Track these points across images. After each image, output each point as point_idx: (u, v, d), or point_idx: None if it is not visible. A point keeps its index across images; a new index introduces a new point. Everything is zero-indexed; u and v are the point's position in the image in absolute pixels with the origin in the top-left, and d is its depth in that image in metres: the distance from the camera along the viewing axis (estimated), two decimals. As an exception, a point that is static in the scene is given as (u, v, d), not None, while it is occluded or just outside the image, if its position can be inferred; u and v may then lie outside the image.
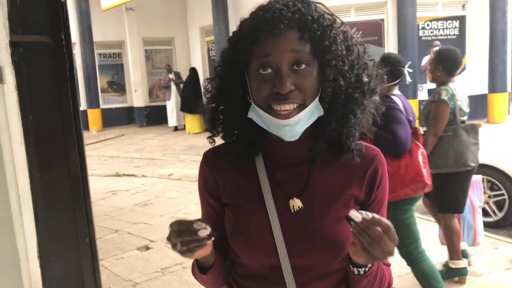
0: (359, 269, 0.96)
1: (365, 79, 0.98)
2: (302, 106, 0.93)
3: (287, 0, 0.95)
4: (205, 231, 0.86)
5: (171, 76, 12.25)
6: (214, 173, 1.07)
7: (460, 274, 3.34)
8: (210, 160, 1.09)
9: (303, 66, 0.92)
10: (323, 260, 1.00)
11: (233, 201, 1.05)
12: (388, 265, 1.08)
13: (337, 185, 1.02)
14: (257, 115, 0.97)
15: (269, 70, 0.92)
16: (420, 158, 2.70)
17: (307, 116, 0.94)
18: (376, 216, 0.83)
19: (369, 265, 0.95)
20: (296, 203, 1.00)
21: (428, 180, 2.70)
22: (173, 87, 12.25)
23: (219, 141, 1.11)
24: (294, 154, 1.02)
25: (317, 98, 0.94)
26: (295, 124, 0.93)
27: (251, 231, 1.01)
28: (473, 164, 3.15)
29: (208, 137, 1.09)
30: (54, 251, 1.97)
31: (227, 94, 1.01)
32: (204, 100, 1.10)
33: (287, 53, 0.91)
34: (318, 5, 0.97)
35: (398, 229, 1.01)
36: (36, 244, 1.90)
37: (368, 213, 0.83)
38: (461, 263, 3.30)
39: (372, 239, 0.81)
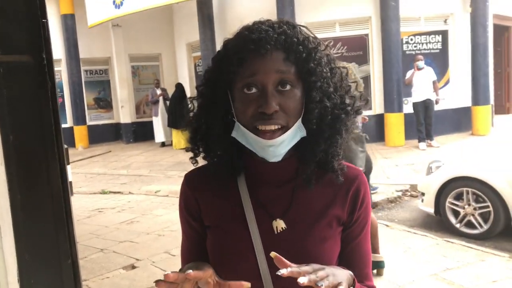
0: None
1: (348, 101, 1.00)
2: (285, 128, 0.94)
3: (272, 22, 0.96)
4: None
5: (159, 91, 12.24)
6: (196, 194, 1.06)
7: (378, 267, 3.67)
8: (191, 181, 1.08)
9: (288, 87, 0.93)
10: None
11: (215, 223, 1.04)
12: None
13: (320, 205, 1.02)
14: (241, 134, 0.97)
15: (254, 90, 0.93)
16: None
17: (290, 137, 0.95)
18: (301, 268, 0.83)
19: None
20: (280, 224, 1.00)
21: None
22: (161, 103, 12.24)
23: (201, 161, 1.10)
24: (277, 174, 1.02)
25: (299, 120, 0.95)
26: (278, 145, 0.94)
27: (234, 254, 1.00)
28: (361, 169, 3.77)
29: (191, 158, 1.07)
30: (36, 273, 1.93)
31: (209, 113, 1.00)
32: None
33: (273, 73, 0.92)
34: (302, 28, 0.99)
35: None
36: (16, 266, 1.86)
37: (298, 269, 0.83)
38: (379, 257, 3.66)
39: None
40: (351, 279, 0.92)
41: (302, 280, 0.79)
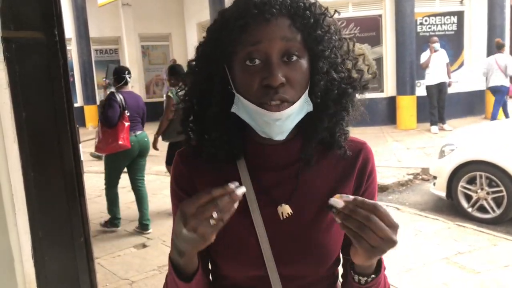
0: (360, 278, 0.89)
1: (356, 74, 0.93)
2: (291, 103, 0.85)
3: None
4: (241, 189, 0.77)
5: None
6: (192, 174, 0.97)
7: None
8: (187, 160, 0.98)
9: (294, 57, 0.84)
10: (313, 267, 0.94)
11: None
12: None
13: (327, 186, 0.95)
14: (243, 109, 0.87)
15: (257, 62, 0.84)
16: (120, 130, 4.42)
17: (297, 111, 0.86)
18: (359, 198, 0.76)
19: (372, 275, 0.88)
20: (286, 210, 0.93)
21: (122, 142, 4.39)
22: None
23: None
24: (280, 156, 0.95)
25: (306, 92, 0.87)
26: (285, 119, 0.85)
27: (236, 243, 0.93)
28: None
29: (184, 141, 0.98)
30: (49, 250, 1.94)
31: (204, 90, 0.92)
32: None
33: (278, 40, 0.83)
34: None
35: (106, 170, 4.66)
36: (30, 244, 1.86)
37: (349, 196, 0.76)
38: None
39: (360, 222, 0.74)
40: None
41: (335, 201, 0.76)
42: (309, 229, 0.93)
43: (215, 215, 0.74)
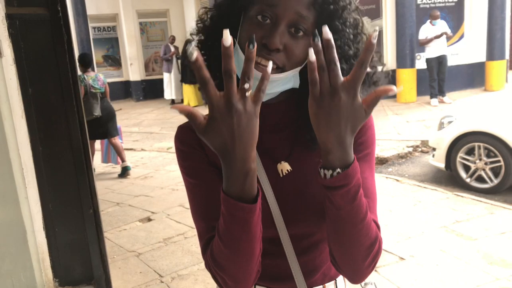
0: (326, 171, 0.79)
1: (368, 69, 0.89)
2: (280, 70, 0.87)
3: None
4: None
5: (173, 48, 12.11)
6: (198, 138, 0.92)
7: (128, 169, 6.04)
8: (189, 129, 0.97)
9: (301, 33, 0.86)
10: (318, 224, 0.94)
11: (219, 170, 0.91)
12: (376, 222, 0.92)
13: None
14: (236, 58, 0.86)
15: (267, 21, 0.86)
16: None
17: (281, 81, 0.88)
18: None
19: (338, 169, 0.78)
20: (285, 167, 0.96)
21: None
22: (174, 60, 12.15)
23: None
24: (277, 117, 0.97)
25: (298, 68, 0.89)
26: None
27: None
28: (96, 114, 5.75)
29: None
30: (59, 222, 2.00)
31: (219, 31, 0.89)
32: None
33: (292, 13, 0.85)
34: None
35: None
36: (41, 216, 1.93)
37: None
38: (126, 163, 6.11)
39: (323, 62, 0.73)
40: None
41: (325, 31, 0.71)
42: (310, 184, 0.95)
43: (247, 86, 0.70)
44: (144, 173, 6.22)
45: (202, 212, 0.93)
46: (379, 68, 0.97)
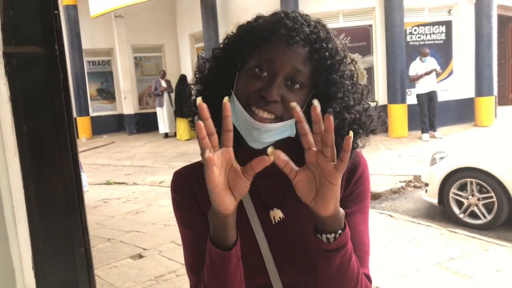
0: (328, 236, 0.84)
1: (365, 119, 0.95)
2: (277, 119, 0.90)
3: (310, 18, 0.94)
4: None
5: (164, 84, 12.24)
6: (192, 184, 0.99)
7: None
8: (183, 174, 1.02)
9: (297, 85, 0.90)
10: (310, 272, 0.95)
11: None
12: (368, 276, 0.97)
13: None
14: (233, 108, 0.90)
15: (265, 73, 0.90)
16: None
17: (278, 131, 0.90)
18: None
19: (339, 231, 0.84)
20: (277, 214, 0.97)
21: None
22: (166, 94, 12.27)
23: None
24: (273, 163, 0.94)
25: (294, 119, 0.87)
26: (263, 132, 0.89)
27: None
28: None
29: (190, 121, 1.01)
30: (49, 261, 1.96)
31: (215, 78, 0.97)
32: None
33: (289, 67, 0.89)
34: (335, 38, 0.95)
35: None
36: (30, 255, 1.89)
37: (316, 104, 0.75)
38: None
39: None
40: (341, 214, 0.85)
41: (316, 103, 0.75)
42: (301, 233, 0.95)
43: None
44: (136, 208, 6.15)
45: (192, 264, 0.98)
46: (372, 104, 1.00)
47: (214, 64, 0.99)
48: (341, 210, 0.85)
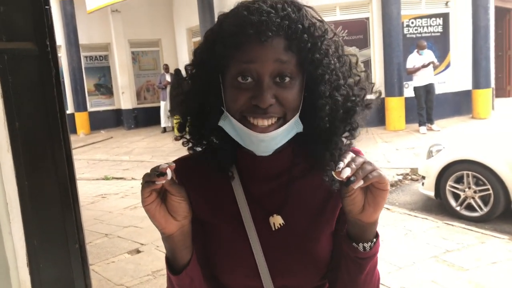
0: (365, 245, 0.85)
1: (358, 92, 0.90)
2: (281, 120, 0.85)
3: (275, 1, 0.84)
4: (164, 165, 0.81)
5: (168, 78, 12.20)
6: (186, 184, 0.93)
7: None
8: (181, 170, 0.96)
9: (287, 79, 0.83)
10: (307, 278, 0.95)
11: (208, 220, 0.95)
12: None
13: (319, 196, 0.94)
14: (230, 125, 0.87)
15: (249, 80, 0.83)
16: None
17: (285, 133, 0.86)
18: (349, 156, 0.79)
19: (374, 239, 0.86)
20: (277, 220, 0.93)
21: None
22: (168, 88, 12.25)
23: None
24: (271, 167, 0.94)
25: (297, 114, 0.86)
26: (271, 140, 0.85)
27: (231, 254, 0.93)
28: None
29: (188, 148, 0.99)
30: (44, 257, 1.97)
31: (198, 99, 0.90)
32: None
33: (271, 62, 0.81)
34: (308, 9, 0.87)
35: None
36: (25, 251, 1.89)
37: (339, 164, 0.77)
38: None
39: (363, 173, 0.77)
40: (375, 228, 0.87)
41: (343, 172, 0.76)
42: (301, 239, 0.93)
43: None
44: (134, 203, 6.15)
45: None
46: (371, 91, 0.97)
47: (192, 83, 0.93)
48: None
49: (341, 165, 0.76)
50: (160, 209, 0.85)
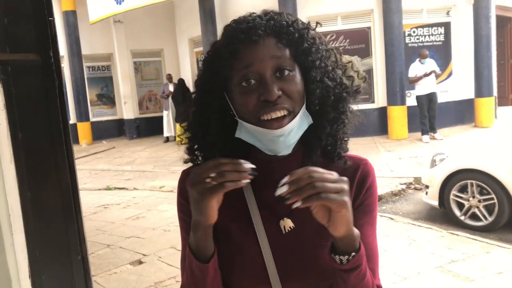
0: (342, 258, 0.86)
1: (346, 81, 0.98)
2: (291, 114, 0.90)
3: (257, 13, 0.94)
4: (250, 165, 0.82)
5: (171, 88, 12.23)
6: None
7: None
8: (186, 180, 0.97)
9: (286, 72, 0.89)
10: (315, 282, 0.95)
11: (220, 224, 0.95)
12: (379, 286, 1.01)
13: None
14: (246, 132, 0.92)
15: (253, 82, 0.89)
16: None
17: (298, 125, 0.91)
18: (293, 173, 0.79)
19: (353, 253, 0.86)
20: (287, 224, 0.96)
21: None
22: (170, 98, 12.29)
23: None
24: (282, 172, 0.90)
25: (304, 106, 0.92)
26: (288, 134, 0.89)
27: (241, 258, 0.96)
28: None
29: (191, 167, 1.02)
30: (46, 269, 1.95)
31: (206, 119, 0.96)
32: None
33: (268, 59, 0.88)
34: (288, 13, 0.97)
35: None
36: (27, 263, 1.88)
37: (282, 180, 0.79)
38: None
39: (311, 190, 0.77)
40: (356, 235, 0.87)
41: (280, 190, 0.78)
42: (310, 243, 0.95)
43: (213, 174, 0.79)
44: (136, 214, 6.13)
45: (183, 265, 0.99)
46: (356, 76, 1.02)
47: (197, 107, 0.98)
48: (356, 231, 0.86)
49: (284, 180, 0.78)
50: (219, 200, 0.86)
